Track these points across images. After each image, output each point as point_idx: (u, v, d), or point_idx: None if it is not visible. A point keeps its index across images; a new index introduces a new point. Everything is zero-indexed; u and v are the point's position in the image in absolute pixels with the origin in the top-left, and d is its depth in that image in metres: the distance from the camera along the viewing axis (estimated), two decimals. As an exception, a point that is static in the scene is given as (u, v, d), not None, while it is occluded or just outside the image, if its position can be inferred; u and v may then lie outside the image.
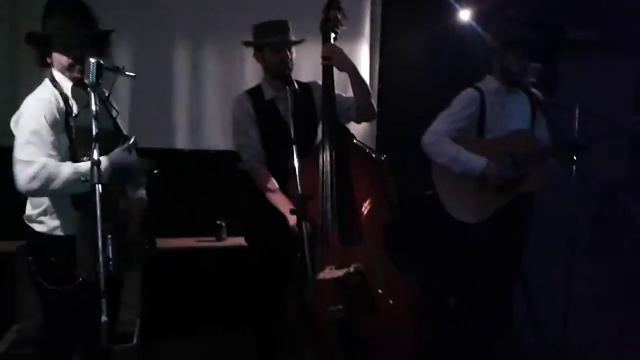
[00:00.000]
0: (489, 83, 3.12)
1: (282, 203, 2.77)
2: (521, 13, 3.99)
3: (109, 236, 1.97)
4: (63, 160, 2.21)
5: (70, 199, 2.19)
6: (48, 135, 2.18)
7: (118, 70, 2.29)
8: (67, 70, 2.29)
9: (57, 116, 2.22)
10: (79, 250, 2.16)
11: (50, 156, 2.17)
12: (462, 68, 3.83)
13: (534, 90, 3.10)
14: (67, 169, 2.15)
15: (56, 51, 2.28)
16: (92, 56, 2.10)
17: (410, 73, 4.31)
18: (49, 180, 2.12)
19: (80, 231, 2.16)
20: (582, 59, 4.31)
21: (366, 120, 3.21)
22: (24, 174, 2.13)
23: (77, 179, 2.13)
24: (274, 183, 2.85)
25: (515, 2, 4.03)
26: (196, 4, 3.91)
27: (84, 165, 2.14)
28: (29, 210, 2.34)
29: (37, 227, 2.32)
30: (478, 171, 2.98)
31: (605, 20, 4.30)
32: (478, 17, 4.02)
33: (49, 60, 2.33)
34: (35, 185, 2.12)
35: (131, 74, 2.34)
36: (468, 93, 3.11)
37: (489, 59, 3.14)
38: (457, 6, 4.15)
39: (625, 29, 4.23)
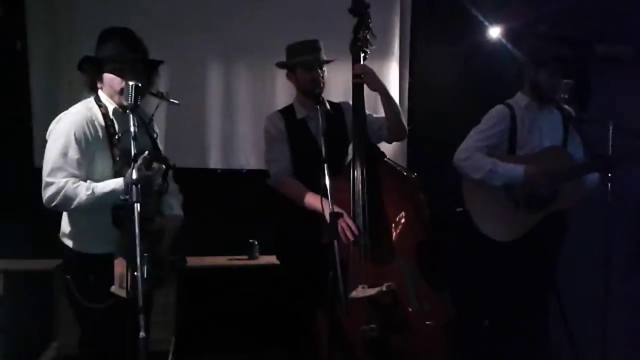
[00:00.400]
0: (520, 99, 3.10)
1: (319, 204, 2.62)
2: (552, 29, 3.97)
3: (145, 255, 2.01)
4: (106, 178, 2.29)
5: (112, 217, 2.25)
6: (75, 154, 2.27)
7: (162, 97, 2.35)
8: (118, 94, 2.34)
9: (90, 134, 2.30)
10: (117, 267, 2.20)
11: (74, 175, 2.26)
12: (492, 85, 3.81)
13: (565, 106, 3.06)
14: (84, 191, 2.25)
15: (111, 73, 2.35)
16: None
17: (440, 91, 4.31)
18: (67, 200, 2.25)
19: (118, 249, 2.21)
20: (615, 75, 4.25)
21: (397, 140, 3.22)
22: (45, 194, 2.27)
23: (94, 201, 2.24)
24: (305, 188, 2.83)
25: (546, 18, 4.01)
26: (228, 27, 4.00)
27: (100, 187, 2.25)
28: (65, 228, 2.41)
29: (74, 245, 2.38)
30: (518, 178, 2.93)
31: (638, 34, 4.24)
32: (508, 34, 4.01)
33: (99, 85, 2.40)
34: (53, 204, 2.27)
35: (175, 101, 2.40)
36: (498, 110, 3.10)
37: (520, 76, 3.12)
38: (486, 23, 4.13)
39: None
